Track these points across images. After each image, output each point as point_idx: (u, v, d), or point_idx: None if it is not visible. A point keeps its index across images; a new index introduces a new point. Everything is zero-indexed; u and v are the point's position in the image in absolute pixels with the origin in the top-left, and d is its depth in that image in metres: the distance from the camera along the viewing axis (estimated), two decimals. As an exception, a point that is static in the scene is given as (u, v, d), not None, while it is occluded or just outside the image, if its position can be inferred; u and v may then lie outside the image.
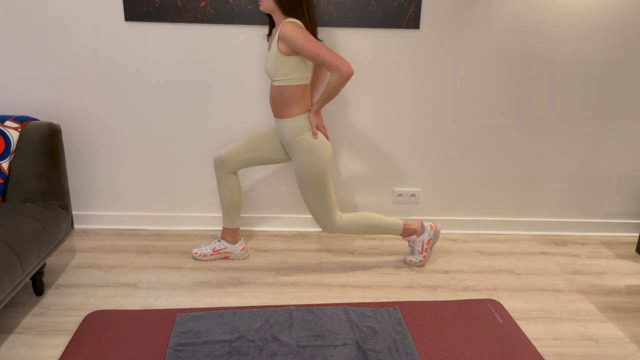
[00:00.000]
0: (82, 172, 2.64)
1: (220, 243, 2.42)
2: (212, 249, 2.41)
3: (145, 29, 2.42)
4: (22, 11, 2.37)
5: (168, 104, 2.54)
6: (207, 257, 2.41)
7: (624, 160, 2.71)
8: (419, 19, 2.42)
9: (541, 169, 2.71)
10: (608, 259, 2.56)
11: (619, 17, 2.46)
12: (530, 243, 2.71)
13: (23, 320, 1.94)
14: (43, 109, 2.52)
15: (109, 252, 2.47)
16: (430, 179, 2.72)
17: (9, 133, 2.05)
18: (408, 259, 2.41)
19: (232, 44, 2.45)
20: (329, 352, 1.75)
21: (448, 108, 2.59)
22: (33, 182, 2.06)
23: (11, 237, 1.75)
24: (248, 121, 2.58)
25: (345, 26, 2.43)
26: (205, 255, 2.41)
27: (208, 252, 2.41)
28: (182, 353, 1.73)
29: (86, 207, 2.71)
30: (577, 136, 2.66)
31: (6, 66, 2.44)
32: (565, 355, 1.82)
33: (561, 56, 2.51)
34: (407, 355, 1.75)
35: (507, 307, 2.11)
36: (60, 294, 2.11)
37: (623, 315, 2.07)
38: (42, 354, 1.76)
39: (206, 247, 2.42)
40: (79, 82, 2.49)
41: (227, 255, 2.43)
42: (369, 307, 2.03)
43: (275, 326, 1.88)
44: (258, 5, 2.34)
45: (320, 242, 2.66)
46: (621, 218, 2.82)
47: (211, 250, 2.41)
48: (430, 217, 2.78)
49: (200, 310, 1.99)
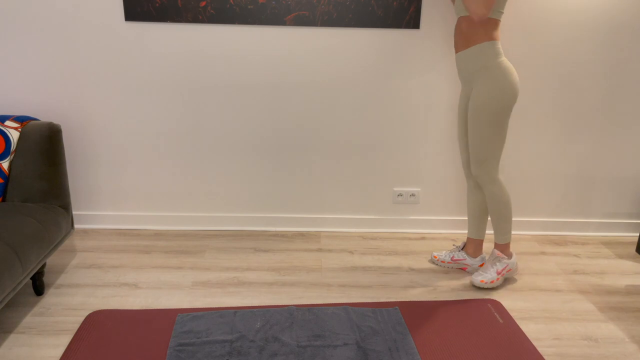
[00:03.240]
0: (82, 172, 2.64)
1: (460, 253, 2.37)
2: (451, 258, 2.38)
3: (145, 29, 2.42)
4: (22, 11, 2.36)
5: (168, 104, 2.54)
6: (444, 264, 2.40)
7: (624, 160, 2.71)
8: (419, 19, 2.42)
9: (541, 169, 2.71)
10: (608, 259, 2.56)
11: (619, 17, 2.46)
12: (530, 243, 2.71)
13: (23, 320, 1.94)
14: (43, 109, 2.52)
15: (109, 252, 2.47)
16: (430, 179, 2.72)
17: (9, 133, 2.05)
18: (479, 279, 2.22)
19: (232, 44, 2.45)
20: (329, 352, 1.75)
21: (448, 108, 2.59)
22: (33, 182, 2.06)
23: (11, 237, 1.75)
24: (248, 121, 2.58)
25: (345, 26, 2.43)
26: (444, 261, 2.40)
27: (447, 259, 2.39)
28: (183, 353, 1.73)
29: (86, 207, 2.71)
30: (577, 136, 2.66)
31: (6, 66, 2.44)
32: (565, 355, 1.82)
33: (561, 56, 2.51)
34: (407, 355, 1.75)
35: (507, 307, 2.11)
36: (60, 294, 2.11)
37: (623, 315, 2.07)
38: (42, 353, 1.75)
39: (446, 254, 2.40)
40: (79, 82, 2.49)
41: (465, 267, 2.38)
42: (369, 307, 2.03)
43: (276, 326, 1.88)
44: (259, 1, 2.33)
45: (320, 242, 2.66)
46: (621, 218, 2.82)
47: (449, 259, 2.39)
48: (430, 217, 2.78)
49: (200, 310, 1.99)
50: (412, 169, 2.70)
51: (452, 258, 2.38)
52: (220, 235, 2.69)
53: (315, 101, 2.56)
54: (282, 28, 2.44)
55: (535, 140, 2.66)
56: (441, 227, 2.80)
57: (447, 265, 2.40)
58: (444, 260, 2.40)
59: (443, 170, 2.71)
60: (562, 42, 2.49)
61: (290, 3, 2.38)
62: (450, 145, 2.66)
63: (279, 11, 2.39)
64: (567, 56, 2.52)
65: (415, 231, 2.80)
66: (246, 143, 2.62)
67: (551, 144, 2.67)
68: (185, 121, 2.57)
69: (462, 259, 2.36)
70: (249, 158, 2.65)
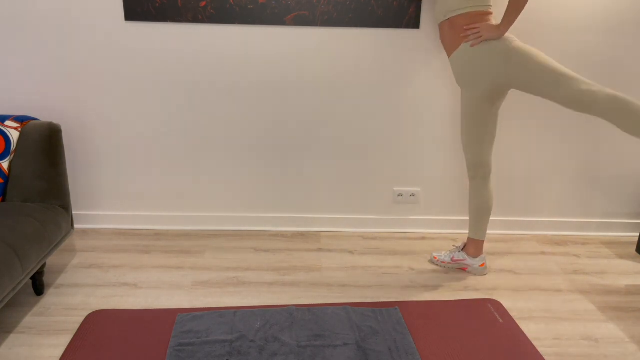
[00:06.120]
0: (82, 172, 2.64)
1: (460, 254, 2.37)
2: (451, 258, 2.38)
3: (145, 29, 2.42)
4: (22, 11, 2.36)
5: (168, 104, 2.54)
6: (444, 264, 2.40)
7: (624, 160, 2.71)
8: (419, 19, 2.42)
9: (541, 169, 2.71)
10: (608, 259, 2.56)
11: (619, 17, 2.46)
12: (530, 243, 2.71)
13: (23, 320, 1.94)
14: (43, 109, 2.52)
15: (109, 252, 2.47)
16: (430, 179, 2.72)
17: (9, 133, 2.05)
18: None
19: (232, 44, 2.45)
20: (329, 352, 1.75)
21: (448, 108, 2.59)
22: (33, 182, 2.06)
23: (11, 237, 1.75)
24: (248, 121, 2.58)
25: (345, 26, 2.43)
26: (444, 262, 2.40)
27: (447, 259, 2.39)
28: (183, 353, 1.73)
29: (86, 207, 2.71)
30: (577, 136, 2.66)
31: (6, 66, 2.44)
32: (565, 355, 1.82)
33: (561, 56, 2.51)
34: (407, 355, 1.75)
35: (507, 307, 2.11)
36: (60, 294, 2.11)
37: (623, 315, 2.07)
38: (42, 353, 1.76)
39: (446, 254, 2.40)
40: (79, 82, 2.49)
41: (465, 267, 2.38)
42: (369, 307, 2.03)
43: (276, 326, 1.88)
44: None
45: (320, 242, 2.66)
46: (621, 218, 2.82)
47: (449, 259, 2.39)
48: (430, 217, 2.78)
49: (200, 310, 1.99)
50: (412, 169, 2.70)
51: (452, 258, 2.38)
52: (220, 235, 2.69)
53: (315, 101, 2.56)
54: (282, 28, 2.44)
55: (535, 140, 2.66)
56: (441, 227, 2.80)
57: (447, 266, 2.40)
58: (444, 260, 2.40)
59: (443, 170, 2.71)
60: (562, 41, 2.49)
61: (290, 3, 2.38)
62: (451, 145, 2.66)
63: (279, 11, 2.39)
64: (568, 56, 2.52)
65: (415, 231, 2.80)
66: (246, 143, 2.62)
67: (551, 143, 2.67)
68: (186, 121, 2.57)
69: (463, 259, 2.36)
70: (248, 158, 2.65)
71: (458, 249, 2.39)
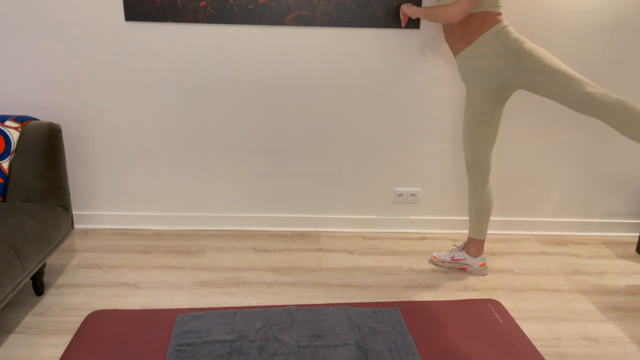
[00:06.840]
0: (82, 172, 2.64)
1: (461, 253, 2.37)
2: (452, 257, 2.38)
3: (145, 29, 2.42)
4: (21, 11, 2.36)
5: (168, 104, 2.54)
6: (444, 264, 2.40)
7: (624, 160, 2.71)
8: (419, 19, 2.42)
9: (541, 169, 2.71)
10: (608, 259, 2.56)
11: (619, 17, 2.46)
12: (530, 243, 2.71)
13: (23, 320, 1.94)
14: (43, 109, 2.52)
15: (109, 252, 2.47)
16: (430, 179, 2.72)
17: (9, 133, 2.05)
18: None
19: (232, 44, 2.45)
20: (329, 352, 1.75)
21: (448, 108, 2.59)
22: (33, 182, 2.06)
23: (11, 237, 1.75)
24: (248, 121, 2.58)
25: (345, 26, 2.43)
26: (444, 261, 2.40)
27: (447, 259, 2.39)
28: (183, 353, 1.73)
29: (86, 207, 2.71)
30: (577, 136, 2.66)
31: (6, 66, 2.44)
32: (565, 355, 1.82)
33: (561, 56, 2.51)
34: (407, 355, 1.75)
35: (507, 307, 2.11)
36: (60, 294, 2.11)
37: (623, 315, 2.07)
38: (42, 353, 1.76)
39: (446, 254, 2.40)
40: (79, 82, 2.49)
41: (465, 267, 2.38)
42: (369, 307, 2.03)
43: (276, 326, 1.88)
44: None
45: (320, 242, 2.66)
46: (621, 218, 2.82)
47: (449, 259, 2.39)
48: (431, 217, 2.78)
49: (200, 310, 1.99)
50: (412, 169, 2.70)
51: (452, 258, 2.38)
52: (220, 235, 2.69)
53: (315, 101, 2.56)
54: (282, 28, 2.44)
55: (536, 140, 2.66)
56: (441, 227, 2.80)
57: (447, 266, 2.40)
58: (444, 260, 2.40)
59: (443, 170, 2.71)
60: (562, 41, 2.49)
61: (290, 3, 2.38)
62: (451, 145, 2.66)
63: (279, 11, 2.39)
64: (568, 56, 2.52)
65: (416, 231, 2.80)
66: (246, 143, 2.62)
67: (551, 143, 2.67)
68: (185, 121, 2.57)
69: (463, 258, 2.36)
70: (248, 158, 2.65)
71: (459, 248, 2.39)
